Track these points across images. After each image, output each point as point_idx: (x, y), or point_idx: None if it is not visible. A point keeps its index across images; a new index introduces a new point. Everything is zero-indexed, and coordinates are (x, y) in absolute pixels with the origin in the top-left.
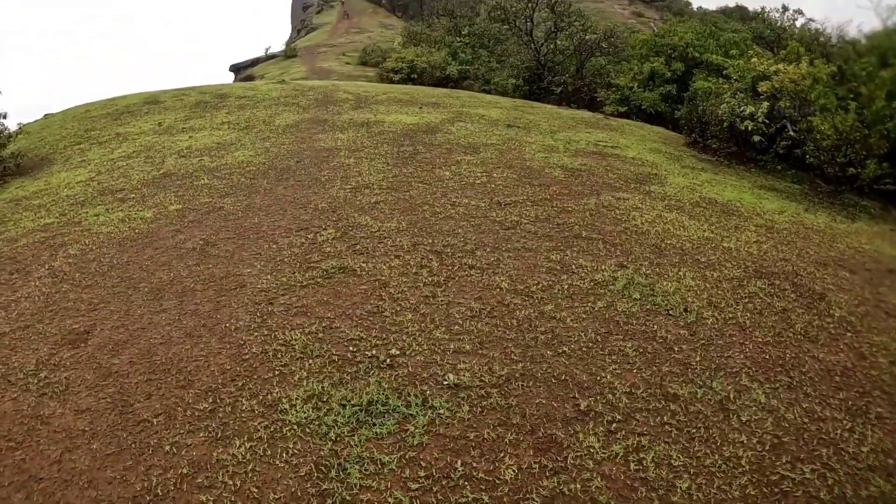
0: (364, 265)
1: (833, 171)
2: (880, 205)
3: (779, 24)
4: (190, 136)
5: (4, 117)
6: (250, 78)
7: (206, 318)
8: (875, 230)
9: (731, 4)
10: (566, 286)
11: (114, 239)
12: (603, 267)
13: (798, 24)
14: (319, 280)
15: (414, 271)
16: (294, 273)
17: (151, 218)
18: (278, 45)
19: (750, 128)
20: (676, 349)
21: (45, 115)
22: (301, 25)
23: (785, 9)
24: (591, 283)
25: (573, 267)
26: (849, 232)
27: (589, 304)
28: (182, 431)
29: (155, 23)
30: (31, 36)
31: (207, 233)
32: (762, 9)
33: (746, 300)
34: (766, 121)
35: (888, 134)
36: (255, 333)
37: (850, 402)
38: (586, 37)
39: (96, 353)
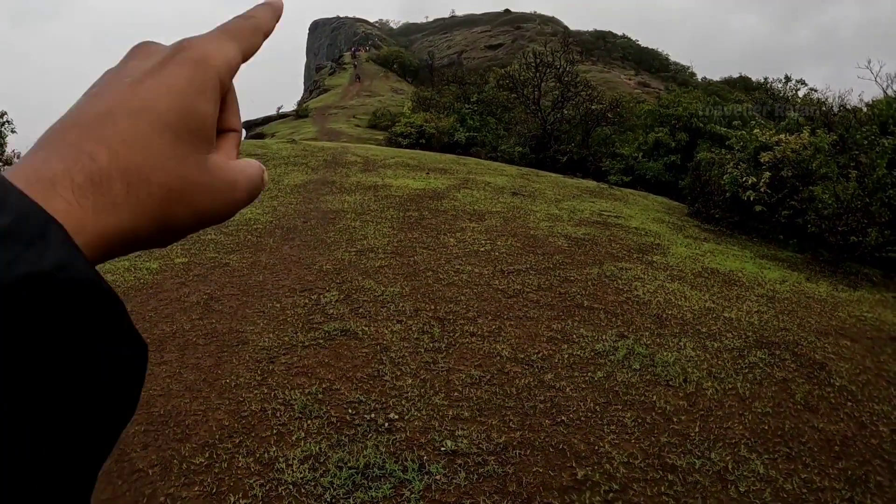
0: (366, 329)
1: (835, 239)
2: (882, 272)
3: (782, 94)
4: None
5: (18, 157)
6: (261, 136)
7: (206, 373)
8: (877, 298)
9: (735, 75)
10: (566, 355)
11: (118, 287)
12: (604, 337)
13: (801, 93)
14: (321, 341)
15: (415, 337)
16: (296, 333)
17: (157, 269)
18: (290, 105)
19: (752, 198)
20: (675, 420)
21: None
22: (313, 86)
23: (788, 79)
24: (592, 353)
25: (574, 336)
26: (851, 300)
27: (589, 374)
28: (177, 484)
29: None
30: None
31: (212, 288)
32: (765, 79)
33: (746, 370)
34: (769, 190)
35: (890, 201)
36: (255, 391)
37: (850, 472)
38: (592, 106)
39: None
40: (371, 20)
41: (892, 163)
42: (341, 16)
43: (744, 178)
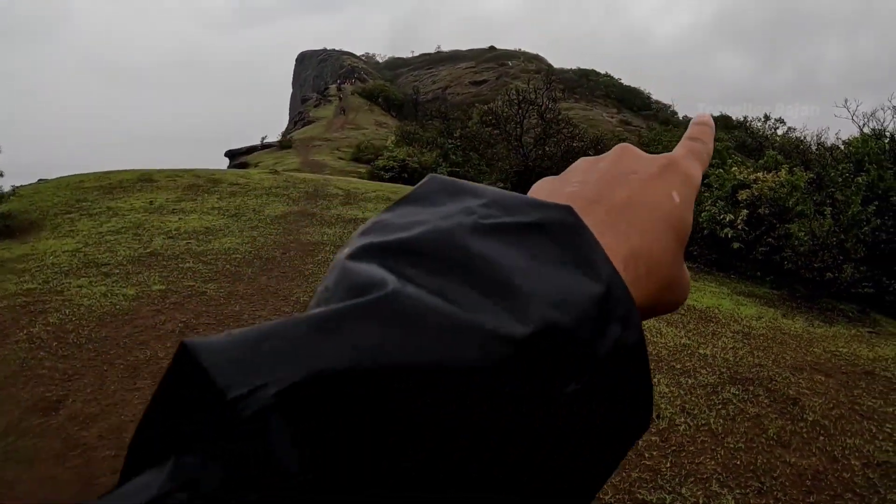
0: None
1: (811, 275)
2: (858, 308)
3: (761, 132)
4: (179, 218)
5: (1, 175)
6: (244, 165)
7: None
8: (852, 333)
9: (716, 113)
10: None
11: (94, 312)
12: None
13: (779, 132)
14: None
15: None
16: None
17: (134, 296)
18: (274, 135)
19: (730, 235)
20: (647, 455)
21: (40, 179)
22: (298, 117)
23: (767, 118)
24: None
25: None
26: (826, 336)
27: None
28: None
29: (152, 99)
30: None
31: (188, 316)
32: (745, 118)
33: (720, 406)
34: (746, 228)
35: (864, 238)
36: None
37: None
38: (574, 144)
39: (66, 423)
40: (357, 53)
41: (867, 200)
42: (328, 48)
43: (721, 216)
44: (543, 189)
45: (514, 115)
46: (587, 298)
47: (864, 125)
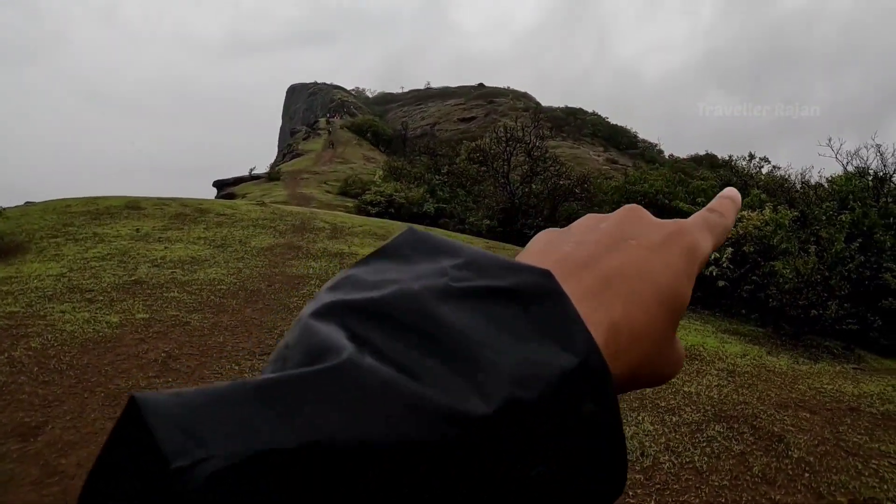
0: None
1: (795, 313)
2: (843, 344)
3: (746, 171)
4: (165, 247)
5: None
6: (232, 196)
7: None
8: (837, 370)
9: (702, 152)
10: None
11: (77, 338)
12: None
13: (764, 171)
14: None
15: None
16: None
17: (117, 323)
18: (263, 167)
19: (715, 273)
20: (631, 493)
21: (27, 202)
22: (287, 150)
23: (752, 156)
24: None
25: None
26: (811, 373)
27: None
28: None
29: (142, 127)
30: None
31: (171, 346)
32: (730, 157)
33: (704, 444)
34: (731, 266)
35: (849, 275)
36: None
37: None
38: (560, 182)
39: (45, 449)
40: (348, 87)
41: (851, 237)
42: (319, 82)
43: None
44: (540, 242)
45: (501, 153)
46: (558, 373)
47: (847, 163)
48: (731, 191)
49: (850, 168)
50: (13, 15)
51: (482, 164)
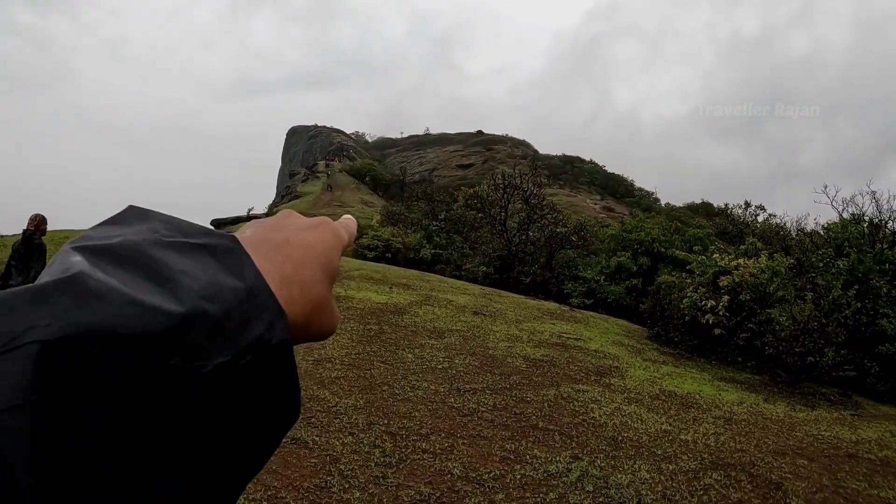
0: (317, 439)
1: (792, 360)
2: (840, 391)
3: (741, 219)
4: None
5: None
6: None
7: None
8: (834, 416)
9: (698, 200)
10: (519, 476)
11: None
12: (557, 458)
13: (760, 218)
14: None
15: (367, 450)
16: None
17: None
18: (261, 207)
19: (711, 321)
20: None
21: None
22: (286, 191)
23: (748, 205)
24: (545, 474)
25: (527, 457)
26: (808, 420)
27: (541, 495)
28: None
29: (143, 162)
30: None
31: None
32: (726, 205)
33: (701, 492)
34: (727, 314)
35: (845, 321)
36: None
37: None
38: (557, 229)
39: None
40: (348, 131)
41: (847, 283)
42: (319, 124)
43: (703, 302)
44: (243, 231)
45: (499, 200)
46: (232, 295)
47: (843, 210)
48: (349, 217)
49: (845, 215)
50: (21, 45)
51: (479, 210)
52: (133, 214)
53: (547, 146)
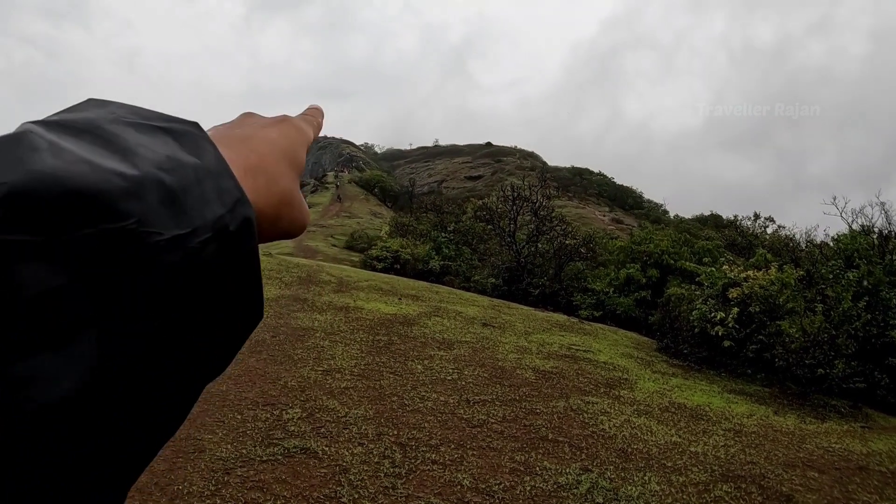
0: (326, 449)
1: (802, 372)
2: (850, 403)
3: (751, 231)
4: None
5: None
6: None
7: (159, 477)
8: (845, 429)
9: (707, 213)
10: (528, 488)
11: None
12: (567, 470)
13: (769, 230)
14: (280, 457)
15: (376, 460)
16: (255, 446)
17: None
18: None
19: (720, 333)
20: None
21: None
22: None
23: (757, 216)
24: (555, 486)
25: (537, 469)
26: (818, 432)
27: None
28: None
29: None
30: None
31: None
32: (735, 216)
33: None
34: (737, 326)
35: (856, 333)
36: (207, 501)
37: None
38: (566, 241)
39: None
40: (357, 143)
41: (857, 295)
42: (329, 136)
43: (712, 314)
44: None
45: (508, 211)
46: (191, 171)
47: (852, 221)
48: (316, 105)
49: (854, 226)
50: (35, 55)
51: (488, 222)
52: (92, 104)
53: (556, 158)
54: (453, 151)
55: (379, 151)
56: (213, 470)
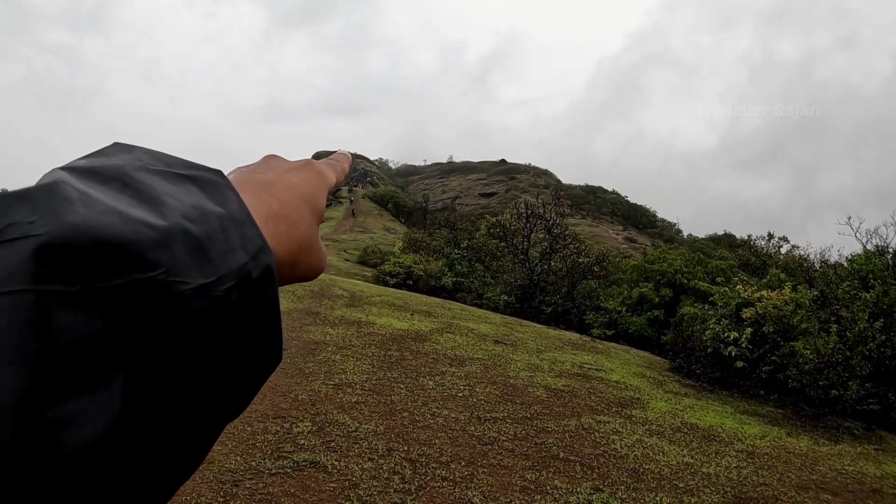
0: (336, 463)
1: (815, 393)
2: (864, 425)
3: (764, 251)
4: None
5: None
6: None
7: None
8: (858, 451)
9: (720, 232)
10: None
11: None
12: (578, 489)
13: (783, 250)
14: (289, 471)
15: (386, 476)
16: (264, 459)
17: None
18: None
19: (734, 353)
20: None
21: None
22: None
23: (770, 236)
24: None
25: (548, 487)
26: (831, 454)
27: None
28: None
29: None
30: None
31: None
32: (749, 236)
33: None
34: (750, 346)
35: (870, 354)
36: None
37: None
38: (579, 260)
39: None
40: (371, 158)
41: (873, 316)
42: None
43: (726, 334)
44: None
45: (521, 229)
46: (216, 220)
47: (867, 242)
48: (344, 151)
49: (869, 246)
50: (57, 64)
51: (502, 239)
52: (117, 148)
53: (570, 176)
54: (467, 168)
55: (393, 167)
56: (222, 482)
